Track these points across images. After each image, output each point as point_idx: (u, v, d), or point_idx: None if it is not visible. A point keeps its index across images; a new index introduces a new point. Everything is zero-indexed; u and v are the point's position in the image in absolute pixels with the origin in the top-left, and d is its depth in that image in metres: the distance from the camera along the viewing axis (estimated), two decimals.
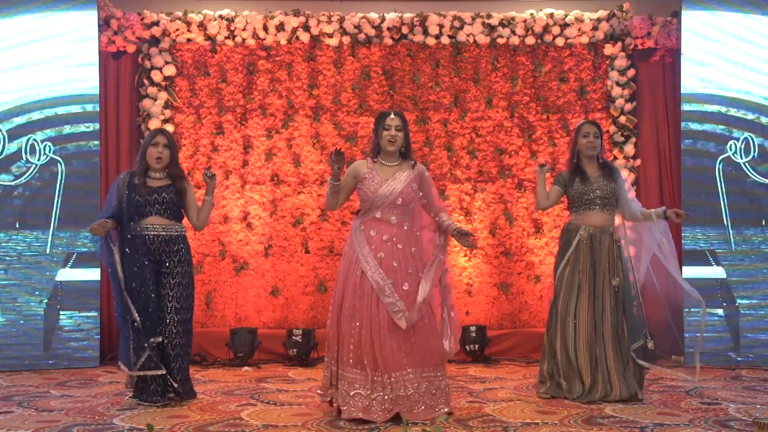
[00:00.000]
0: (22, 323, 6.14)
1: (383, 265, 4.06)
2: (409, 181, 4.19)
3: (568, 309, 4.72)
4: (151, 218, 4.52)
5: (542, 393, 4.76)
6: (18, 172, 6.27)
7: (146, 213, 4.51)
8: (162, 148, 4.57)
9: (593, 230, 4.78)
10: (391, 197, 4.13)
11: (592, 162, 4.87)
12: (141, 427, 3.85)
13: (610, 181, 4.82)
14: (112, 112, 6.83)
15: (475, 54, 7.05)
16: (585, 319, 4.68)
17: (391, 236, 4.12)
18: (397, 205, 4.15)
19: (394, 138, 4.18)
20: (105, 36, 6.77)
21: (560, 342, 4.71)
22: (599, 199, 4.78)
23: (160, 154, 4.56)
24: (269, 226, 6.95)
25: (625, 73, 6.93)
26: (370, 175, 4.19)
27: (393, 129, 4.19)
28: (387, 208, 4.14)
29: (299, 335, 6.34)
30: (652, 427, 3.84)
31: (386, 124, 4.20)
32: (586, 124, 4.92)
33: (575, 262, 4.75)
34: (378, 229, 4.13)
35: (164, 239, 4.54)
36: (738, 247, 6.35)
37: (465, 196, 7.01)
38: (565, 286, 4.74)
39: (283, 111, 7.02)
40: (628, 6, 6.95)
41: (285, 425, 3.94)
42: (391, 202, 4.14)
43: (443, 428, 3.80)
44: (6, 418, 4.15)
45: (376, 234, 4.12)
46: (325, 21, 6.96)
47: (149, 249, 4.50)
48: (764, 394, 4.85)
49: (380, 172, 4.20)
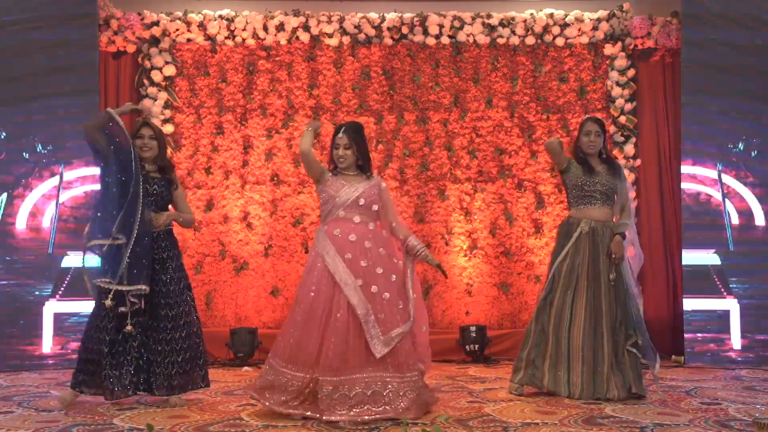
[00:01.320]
0: (22, 323, 6.15)
1: (351, 266, 4.02)
2: (370, 187, 4.20)
3: (565, 303, 4.69)
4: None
5: (516, 382, 4.73)
6: (18, 172, 6.27)
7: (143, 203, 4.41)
8: (147, 139, 4.51)
9: (595, 224, 4.75)
10: (353, 196, 4.13)
11: (593, 158, 4.86)
12: (141, 427, 3.85)
13: (613, 177, 4.80)
14: None
15: (475, 54, 7.06)
16: (582, 315, 4.65)
17: (358, 235, 4.09)
18: (359, 205, 4.14)
19: (341, 158, 4.19)
20: (105, 36, 6.77)
21: (553, 334, 4.67)
22: (599, 193, 4.76)
23: (146, 144, 4.49)
24: (269, 226, 6.95)
25: (625, 73, 6.93)
26: (332, 180, 4.20)
27: (341, 148, 4.18)
28: (350, 208, 4.13)
29: None
30: (652, 427, 3.84)
31: (335, 143, 4.21)
32: (589, 122, 4.86)
33: (575, 255, 4.71)
34: (342, 229, 4.10)
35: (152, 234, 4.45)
36: (738, 247, 6.35)
37: (465, 196, 7.01)
38: (564, 279, 4.70)
39: (283, 111, 7.02)
40: (628, 6, 6.96)
41: (285, 425, 3.94)
42: (354, 201, 4.13)
43: (443, 428, 3.79)
44: (6, 418, 4.15)
45: (340, 234, 4.09)
46: (325, 21, 6.96)
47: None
48: (764, 394, 4.84)
49: (341, 178, 4.22)
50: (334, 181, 4.19)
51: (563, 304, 4.69)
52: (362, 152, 4.23)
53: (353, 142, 4.19)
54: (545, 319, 4.73)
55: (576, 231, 4.74)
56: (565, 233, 4.80)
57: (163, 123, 6.82)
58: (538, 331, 4.75)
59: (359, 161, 4.23)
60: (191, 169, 6.93)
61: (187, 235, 6.81)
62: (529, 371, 4.72)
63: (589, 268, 4.70)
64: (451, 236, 6.98)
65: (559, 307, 4.70)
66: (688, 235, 6.39)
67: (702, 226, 6.39)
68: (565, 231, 4.82)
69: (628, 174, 6.83)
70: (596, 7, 7.05)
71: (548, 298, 4.75)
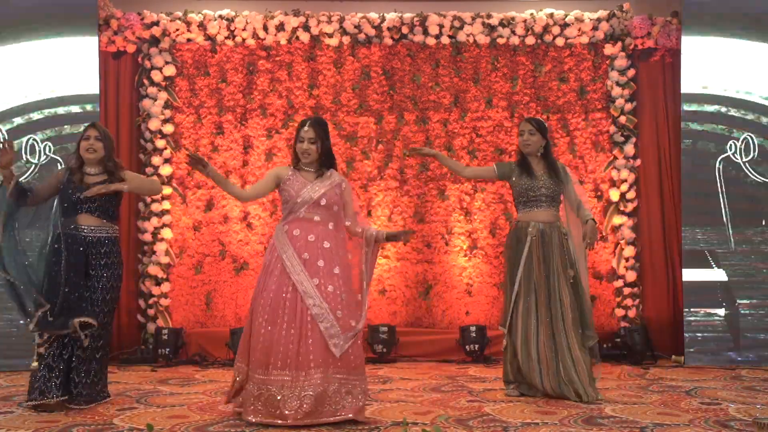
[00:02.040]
0: (22, 323, 6.14)
1: (308, 266, 3.99)
2: (333, 186, 4.16)
3: (529, 309, 4.71)
4: (82, 216, 4.42)
5: (511, 391, 4.76)
6: (18, 172, 6.26)
7: (77, 211, 4.41)
8: (93, 140, 4.45)
9: (543, 226, 4.78)
10: (314, 196, 4.09)
11: (534, 159, 4.88)
12: (141, 427, 3.85)
13: (556, 180, 4.82)
14: (112, 112, 6.83)
15: (475, 54, 7.05)
16: (545, 316, 4.67)
17: (317, 235, 4.06)
18: (320, 205, 4.10)
19: (306, 152, 4.14)
20: (105, 36, 6.77)
21: (521, 342, 4.70)
22: (544, 197, 4.79)
23: (92, 146, 4.44)
24: (269, 226, 6.95)
25: (625, 73, 6.93)
26: (293, 177, 4.16)
27: (306, 142, 4.14)
28: (310, 208, 4.09)
29: None
30: (652, 427, 3.84)
31: (300, 136, 4.16)
32: (522, 122, 4.94)
33: (529, 261, 4.74)
34: (302, 228, 4.07)
35: (91, 240, 4.42)
36: (738, 247, 6.35)
37: (465, 196, 7.01)
38: (523, 287, 4.73)
39: (283, 111, 7.02)
40: (628, 6, 6.95)
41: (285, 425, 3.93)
42: (315, 202, 4.09)
43: (443, 428, 3.79)
44: (6, 418, 4.15)
45: (299, 233, 4.06)
46: (325, 21, 6.96)
47: (78, 249, 4.38)
48: (764, 394, 4.84)
49: (302, 176, 4.17)
50: (294, 180, 4.14)
51: (528, 311, 4.72)
52: (326, 148, 4.18)
53: (318, 137, 4.14)
54: (514, 334, 4.74)
55: (527, 237, 4.75)
56: (516, 240, 4.82)
57: (163, 123, 6.82)
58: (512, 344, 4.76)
59: (322, 157, 4.19)
60: (191, 169, 6.93)
61: (187, 235, 6.81)
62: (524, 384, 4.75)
63: (542, 271, 4.73)
64: (451, 236, 6.98)
65: (525, 316, 4.72)
66: (688, 235, 6.39)
67: (702, 225, 6.39)
68: (516, 237, 4.84)
69: (628, 174, 6.83)
70: (596, 7, 7.05)
71: (515, 307, 4.75)
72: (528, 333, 4.70)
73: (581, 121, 6.99)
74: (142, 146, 6.85)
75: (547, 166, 4.86)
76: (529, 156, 4.87)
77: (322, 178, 4.17)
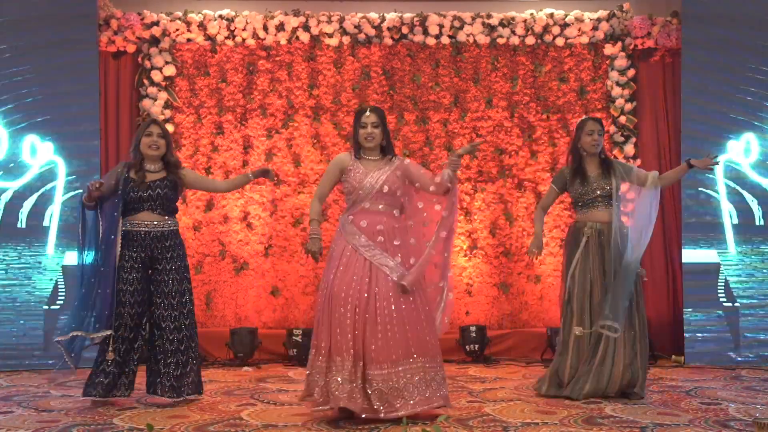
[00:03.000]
0: (22, 323, 6.15)
1: (387, 247, 4.05)
2: (393, 170, 4.17)
3: (583, 307, 4.70)
4: (143, 214, 4.48)
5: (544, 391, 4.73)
6: (18, 172, 6.27)
7: (138, 209, 4.47)
8: (156, 137, 4.53)
9: (600, 226, 4.78)
10: (377, 185, 4.10)
11: (593, 159, 4.86)
12: (141, 427, 3.85)
13: (608, 177, 4.81)
14: (112, 112, 6.83)
15: (475, 54, 7.06)
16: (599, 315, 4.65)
17: (384, 224, 4.10)
18: (383, 193, 4.11)
19: (370, 135, 4.15)
20: (105, 36, 6.77)
21: (573, 341, 4.69)
22: (600, 197, 4.79)
23: (155, 142, 4.52)
24: (269, 226, 6.95)
25: (625, 73, 6.93)
26: (354, 168, 4.17)
27: (369, 126, 4.15)
28: (374, 197, 4.11)
29: (299, 335, 6.34)
30: (652, 427, 3.84)
31: (362, 122, 4.17)
32: (590, 122, 4.88)
33: (585, 261, 4.75)
34: (369, 220, 4.10)
35: (154, 235, 4.50)
36: (738, 248, 6.35)
37: (465, 196, 7.01)
38: (578, 285, 4.73)
39: (283, 111, 7.02)
40: (628, 6, 6.95)
41: (285, 425, 3.94)
42: (378, 191, 4.10)
43: (443, 428, 3.79)
44: (6, 418, 4.15)
45: (367, 224, 4.08)
46: (325, 21, 6.96)
47: (141, 245, 4.47)
48: (764, 394, 4.84)
49: (363, 165, 4.18)
50: (355, 170, 4.15)
51: (582, 310, 4.71)
52: (387, 133, 4.22)
53: (380, 121, 4.18)
54: (567, 332, 4.74)
55: (583, 237, 4.77)
56: (574, 240, 4.84)
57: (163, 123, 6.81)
58: (563, 342, 4.76)
59: (383, 142, 4.21)
60: (191, 169, 6.92)
61: (187, 235, 6.81)
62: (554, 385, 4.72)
63: (599, 271, 4.73)
64: None
65: (579, 314, 4.71)
66: (688, 235, 6.39)
67: (702, 226, 6.39)
68: (573, 236, 4.87)
69: None
70: (596, 7, 7.05)
71: (569, 305, 4.76)
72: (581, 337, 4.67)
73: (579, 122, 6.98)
74: None
75: (603, 165, 4.85)
76: (589, 157, 4.84)
77: (382, 165, 4.18)
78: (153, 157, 4.55)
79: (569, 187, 4.89)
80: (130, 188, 4.47)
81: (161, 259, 4.52)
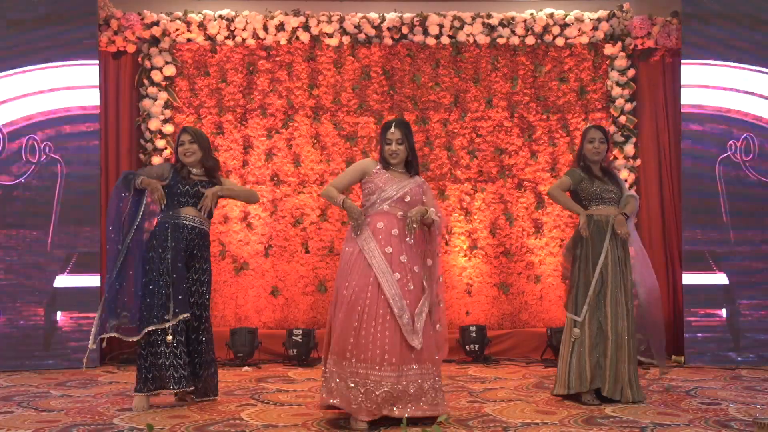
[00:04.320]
0: (22, 323, 6.15)
1: (392, 261, 3.99)
2: (417, 185, 4.17)
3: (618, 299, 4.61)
4: (188, 209, 4.52)
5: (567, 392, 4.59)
6: (18, 172, 6.27)
7: (185, 203, 4.51)
8: (188, 144, 4.56)
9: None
10: (401, 192, 4.09)
11: (595, 167, 4.85)
12: (141, 427, 3.85)
13: (615, 185, 4.81)
14: (112, 112, 6.83)
15: (475, 54, 7.06)
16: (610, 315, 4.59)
17: (400, 230, 4.05)
18: (405, 201, 4.10)
19: (395, 153, 4.14)
20: (105, 36, 6.77)
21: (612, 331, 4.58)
22: (613, 199, 4.77)
23: (187, 150, 4.55)
24: (269, 226, 6.95)
25: (625, 73, 6.93)
26: (380, 172, 4.15)
27: (394, 144, 4.13)
28: (395, 202, 4.09)
29: (299, 335, 6.34)
30: (652, 427, 3.84)
31: (387, 138, 4.15)
32: (592, 129, 4.84)
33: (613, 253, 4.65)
34: (386, 222, 4.05)
35: (199, 232, 4.56)
36: (738, 247, 6.35)
37: (465, 196, 7.01)
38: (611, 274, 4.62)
39: (283, 111, 7.02)
40: (628, 6, 6.95)
41: (285, 425, 3.94)
42: (400, 197, 4.09)
43: (443, 428, 3.79)
44: (6, 418, 4.15)
45: (383, 226, 4.04)
46: (325, 21, 6.96)
47: (186, 238, 4.50)
48: (764, 394, 4.85)
49: (389, 173, 4.17)
50: (381, 174, 4.14)
51: (616, 300, 4.61)
52: (412, 148, 4.19)
53: (405, 137, 4.16)
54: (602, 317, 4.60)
55: (608, 229, 4.67)
56: (598, 231, 4.70)
57: (163, 123, 6.82)
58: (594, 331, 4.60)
59: (409, 157, 4.19)
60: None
61: None
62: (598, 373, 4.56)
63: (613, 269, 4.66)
64: (451, 236, 6.98)
65: (613, 302, 4.61)
66: (688, 235, 6.39)
67: (702, 225, 6.39)
68: (596, 230, 4.71)
69: (628, 174, 6.83)
70: (596, 7, 7.05)
71: (600, 295, 4.63)
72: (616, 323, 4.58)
73: (581, 121, 6.99)
74: (142, 146, 6.85)
75: (606, 174, 4.84)
76: (591, 164, 4.81)
77: (407, 178, 4.18)
78: (192, 164, 4.58)
79: (584, 184, 4.77)
80: (180, 181, 4.50)
81: (198, 258, 4.57)
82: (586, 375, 4.52)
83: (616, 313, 4.59)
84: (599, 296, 4.62)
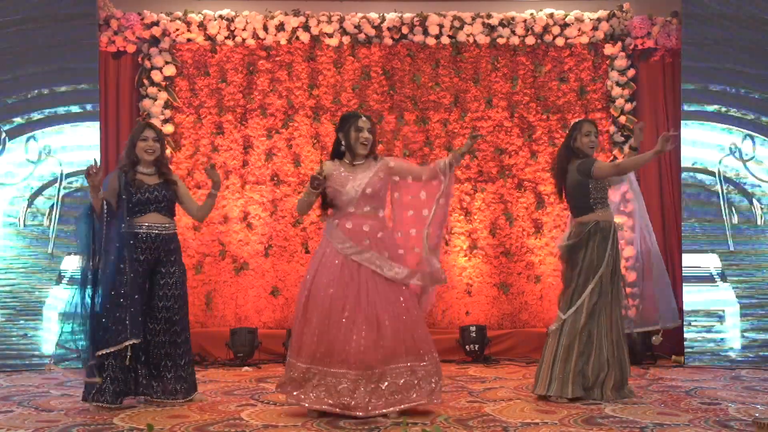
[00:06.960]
0: (22, 323, 6.15)
1: (371, 246, 4.10)
2: (375, 171, 4.18)
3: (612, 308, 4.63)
4: (149, 216, 4.43)
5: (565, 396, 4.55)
6: (18, 172, 6.27)
7: (145, 210, 4.43)
8: (152, 141, 4.48)
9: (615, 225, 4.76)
10: (360, 189, 4.12)
11: None
12: (141, 427, 3.85)
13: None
14: (112, 112, 6.83)
15: (475, 54, 7.06)
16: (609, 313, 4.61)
17: (370, 225, 4.13)
18: (366, 195, 4.13)
19: (367, 140, 4.17)
20: (105, 36, 6.77)
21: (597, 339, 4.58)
22: (610, 203, 4.78)
23: (151, 147, 4.47)
24: (269, 226, 6.95)
25: (625, 73, 6.93)
26: (337, 172, 4.18)
27: (366, 131, 4.16)
28: (359, 201, 4.13)
29: None
30: (652, 427, 3.84)
31: (359, 126, 4.16)
32: (586, 123, 4.82)
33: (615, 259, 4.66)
34: (354, 221, 4.13)
35: (163, 238, 4.47)
36: (738, 247, 6.35)
37: (465, 196, 7.01)
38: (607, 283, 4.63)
39: (283, 111, 7.02)
40: (628, 6, 6.96)
41: (285, 425, 3.94)
42: (361, 194, 4.12)
43: (443, 428, 3.79)
44: (6, 418, 4.15)
45: (352, 226, 4.12)
46: (325, 21, 6.96)
47: (150, 248, 4.43)
48: (764, 394, 4.84)
49: (345, 169, 4.19)
50: (338, 175, 4.17)
51: (610, 309, 4.63)
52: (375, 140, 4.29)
53: (373, 127, 4.24)
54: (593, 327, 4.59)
55: (610, 235, 4.65)
56: (602, 237, 4.66)
57: (163, 123, 6.81)
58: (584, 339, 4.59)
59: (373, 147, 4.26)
60: (191, 169, 6.93)
61: (187, 235, 6.80)
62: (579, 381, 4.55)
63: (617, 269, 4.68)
64: (451, 236, 6.98)
65: (606, 314, 4.61)
66: (688, 235, 6.39)
67: (702, 226, 6.39)
68: (602, 235, 4.66)
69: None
70: (596, 7, 7.05)
71: (599, 303, 4.61)
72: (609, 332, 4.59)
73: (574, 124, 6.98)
74: None
75: None
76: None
77: (365, 168, 4.19)
78: (148, 162, 4.51)
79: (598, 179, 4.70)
80: (136, 189, 4.42)
81: (166, 262, 4.49)
82: (568, 382, 4.51)
83: (609, 324, 4.60)
84: (595, 306, 4.61)
